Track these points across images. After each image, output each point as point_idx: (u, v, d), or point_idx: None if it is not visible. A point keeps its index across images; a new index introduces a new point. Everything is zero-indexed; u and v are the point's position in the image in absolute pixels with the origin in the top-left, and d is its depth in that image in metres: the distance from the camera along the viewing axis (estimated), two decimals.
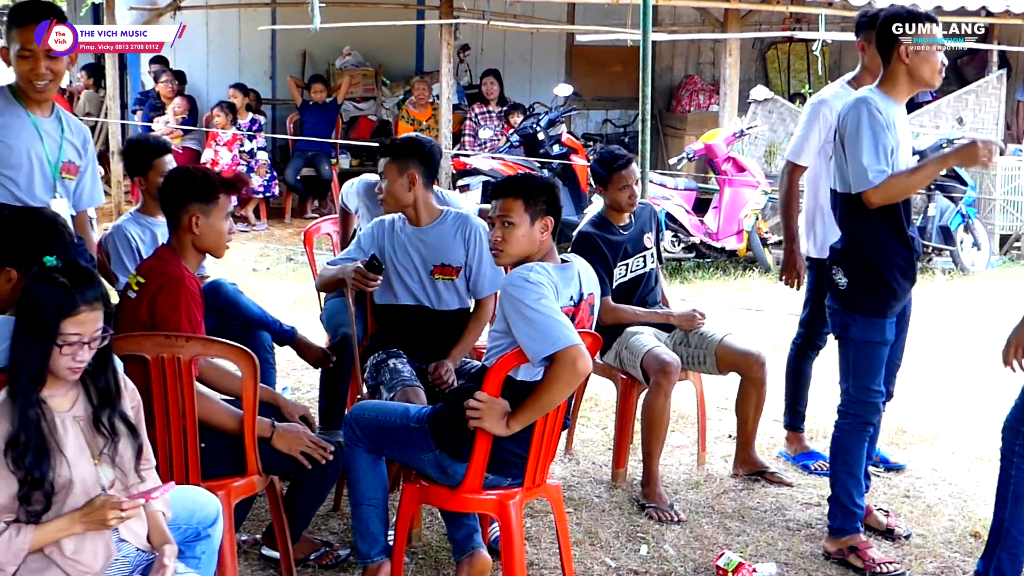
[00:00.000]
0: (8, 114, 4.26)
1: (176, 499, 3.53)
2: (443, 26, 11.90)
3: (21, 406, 3.09)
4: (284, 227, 12.94)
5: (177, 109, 12.95)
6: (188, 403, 3.99)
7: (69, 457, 3.13)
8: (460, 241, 4.98)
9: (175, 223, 4.23)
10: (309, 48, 14.35)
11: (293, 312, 8.54)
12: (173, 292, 4.04)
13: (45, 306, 3.11)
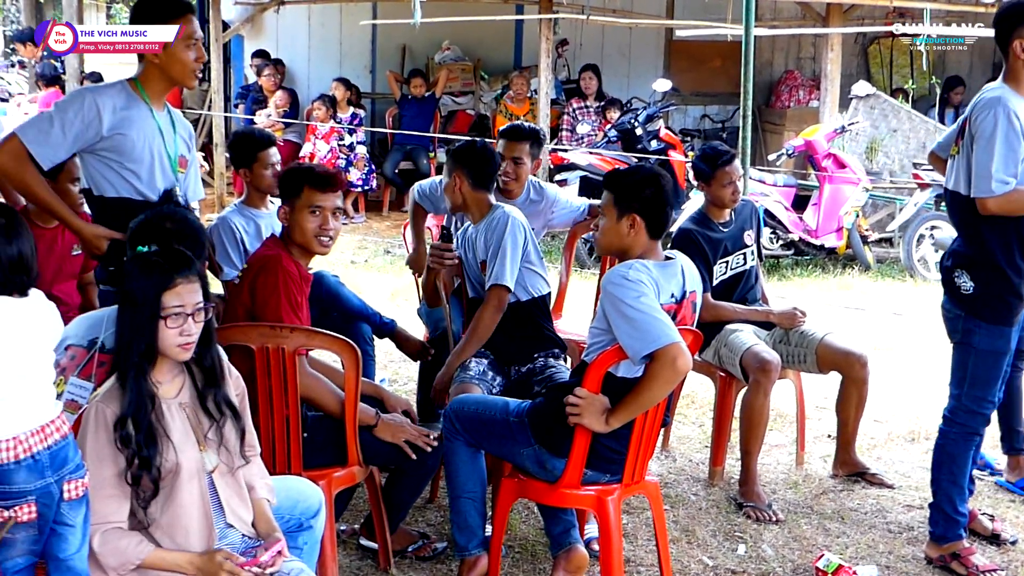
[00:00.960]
0: (131, 108, 4.31)
1: (280, 489, 3.58)
2: (542, 21, 11.90)
3: (130, 386, 3.17)
4: (382, 220, 13.06)
5: (279, 102, 13.13)
6: (291, 393, 4.06)
7: (176, 443, 3.20)
8: (491, 236, 4.94)
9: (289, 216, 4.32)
10: (409, 43, 14.44)
11: (390, 304, 8.61)
12: (271, 274, 4.11)
13: (143, 283, 3.18)
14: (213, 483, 3.29)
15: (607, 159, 11.17)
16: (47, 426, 3.04)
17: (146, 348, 3.18)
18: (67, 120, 4.17)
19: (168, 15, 4.31)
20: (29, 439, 2.98)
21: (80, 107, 4.20)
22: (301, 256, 4.32)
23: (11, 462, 2.95)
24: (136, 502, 3.17)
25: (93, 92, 4.32)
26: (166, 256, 3.24)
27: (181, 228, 3.67)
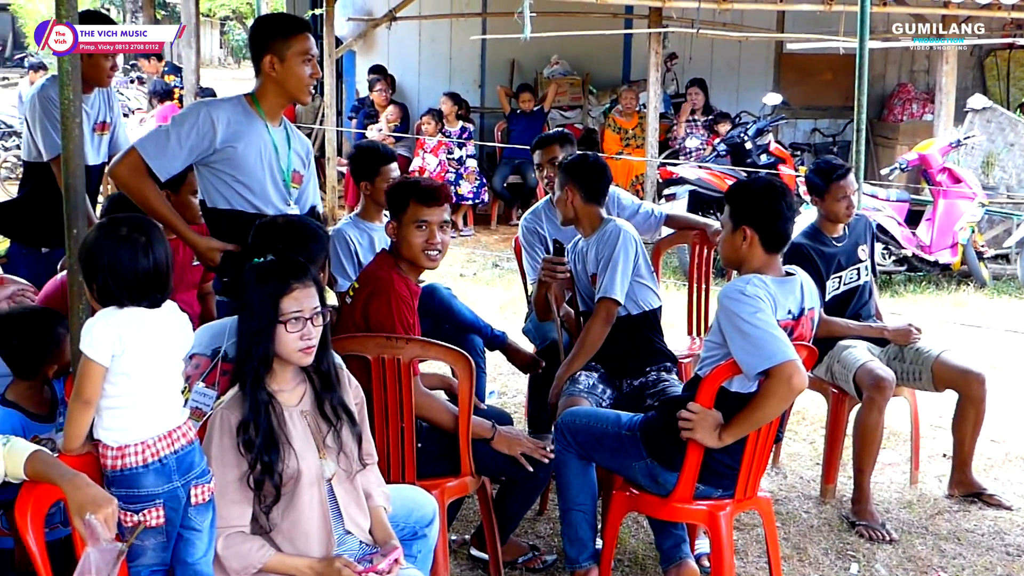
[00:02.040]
0: (245, 122, 4.41)
1: (395, 497, 3.64)
2: (651, 35, 11.90)
3: (251, 391, 3.25)
4: (490, 233, 13.14)
5: (390, 117, 13.31)
6: (406, 403, 4.12)
7: (297, 449, 3.28)
8: (603, 250, 4.95)
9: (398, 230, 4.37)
10: (518, 57, 14.53)
11: (499, 317, 8.67)
12: (384, 296, 4.16)
13: (261, 290, 3.27)
14: (332, 490, 3.36)
15: (716, 173, 11.11)
16: (174, 431, 3.13)
17: (265, 355, 3.26)
18: (182, 132, 4.28)
19: (285, 32, 4.41)
20: (157, 444, 3.09)
21: (195, 120, 4.30)
22: (410, 271, 4.36)
23: (139, 466, 3.05)
24: (258, 507, 3.25)
25: (208, 105, 4.42)
26: (282, 263, 3.33)
27: (297, 233, 3.76)
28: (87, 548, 2.81)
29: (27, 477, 2.92)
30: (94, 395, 3.02)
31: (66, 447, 3.08)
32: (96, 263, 3.05)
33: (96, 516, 2.80)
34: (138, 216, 3.23)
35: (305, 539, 3.27)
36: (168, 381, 3.14)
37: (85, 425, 3.06)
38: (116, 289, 3.03)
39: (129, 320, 3.03)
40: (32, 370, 3.56)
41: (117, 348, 3.00)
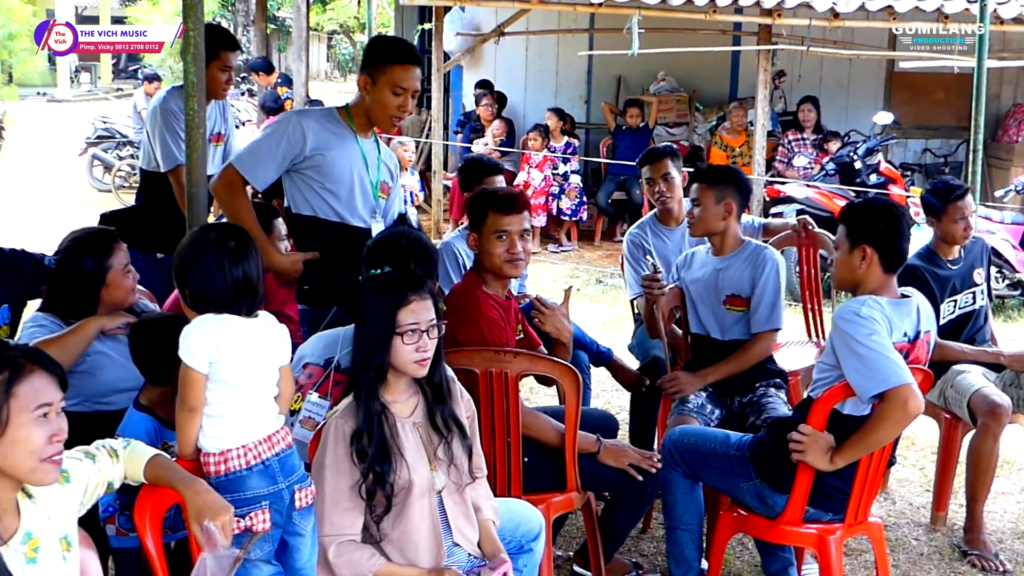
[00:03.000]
0: (335, 132, 4.51)
1: (502, 511, 3.64)
2: (760, 52, 11.79)
3: (365, 401, 3.28)
4: (593, 249, 13.12)
5: (496, 131, 13.37)
6: (513, 417, 4.12)
7: (409, 460, 3.30)
8: (749, 271, 4.90)
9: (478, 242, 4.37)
10: (624, 73, 14.50)
11: (602, 333, 8.64)
12: (473, 322, 4.14)
13: (378, 302, 3.29)
14: (442, 502, 3.38)
15: (825, 192, 10.97)
16: (273, 435, 3.18)
17: (380, 366, 3.29)
18: (274, 141, 4.38)
19: (387, 58, 4.48)
20: (258, 447, 3.14)
21: (286, 128, 4.41)
22: (495, 282, 4.32)
23: (243, 468, 3.10)
24: (369, 517, 3.28)
25: (299, 114, 4.53)
26: (399, 275, 3.35)
27: (416, 247, 3.79)
28: (203, 554, 2.85)
29: (146, 480, 2.98)
30: (197, 402, 3.08)
31: (181, 453, 3.14)
32: (187, 268, 3.12)
33: (214, 522, 2.84)
34: (230, 224, 3.27)
35: (415, 550, 3.29)
36: (265, 388, 3.18)
37: (194, 432, 3.13)
38: (205, 295, 3.09)
39: (224, 327, 3.09)
40: (165, 376, 3.62)
41: (214, 355, 3.05)
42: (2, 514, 2.58)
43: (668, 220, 5.78)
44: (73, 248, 4.16)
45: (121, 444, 3.01)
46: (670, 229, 5.75)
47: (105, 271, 4.11)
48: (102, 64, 38.30)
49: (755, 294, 4.85)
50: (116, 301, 4.17)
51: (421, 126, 14.55)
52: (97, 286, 4.10)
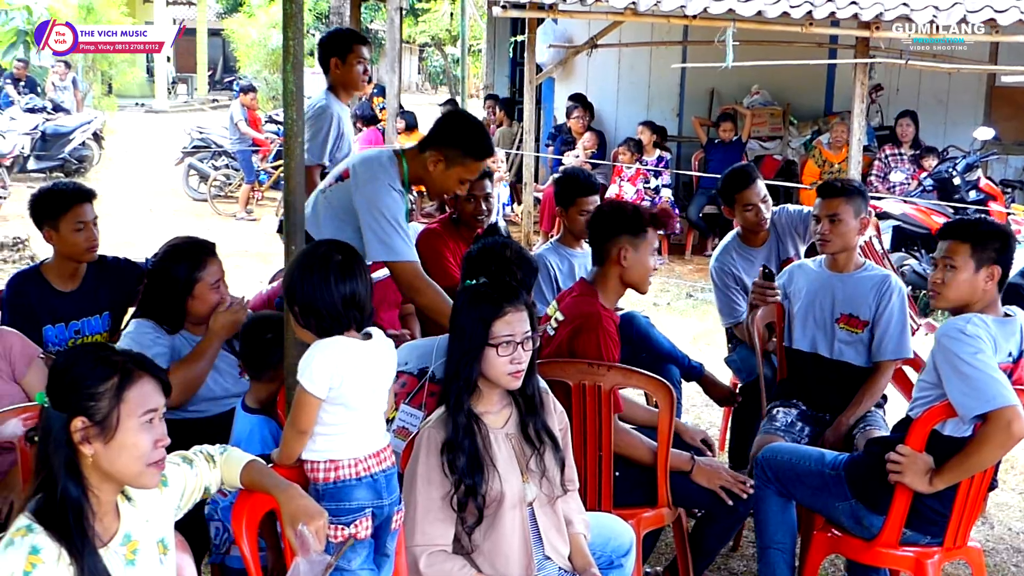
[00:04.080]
0: (399, 191, 4.53)
1: (593, 525, 3.62)
2: (857, 65, 11.62)
3: (457, 412, 3.27)
4: (684, 263, 13.02)
5: (587, 144, 13.35)
6: (605, 431, 4.09)
7: (501, 472, 3.28)
8: (874, 295, 4.80)
9: (602, 256, 4.34)
10: (717, 86, 14.39)
11: (693, 348, 8.56)
12: (592, 332, 4.14)
13: (475, 312, 3.29)
14: (534, 514, 3.36)
15: (923, 209, 10.78)
16: (382, 451, 3.18)
17: (473, 377, 3.28)
18: (399, 220, 4.40)
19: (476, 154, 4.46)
20: (367, 460, 3.14)
21: (398, 202, 4.42)
22: (611, 299, 4.35)
23: (352, 479, 3.11)
24: (460, 528, 3.27)
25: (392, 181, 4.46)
26: (495, 287, 3.34)
27: (520, 257, 3.79)
28: (296, 558, 2.87)
29: (242, 485, 3.00)
30: (309, 426, 3.09)
31: (279, 462, 3.16)
32: (295, 285, 3.12)
33: (308, 527, 2.85)
34: (338, 241, 3.28)
35: (505, 562, 3.27)
36: (376, 405, 3.19)
37: (299, 450, 3.15)
38: (314, 310, 3.08)
39: (345, 353, 3.08)
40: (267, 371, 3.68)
41: (335, 381, 3.05)
42: (103, 516, 2.62)
43: (754, 240, 5.68)
44: (168, 255, 4.23)
45: (218, 449, 3.04)
46: (756, 249, 5.66)
47: (194, 282, 4.16)
48: (198, 75, 38.94)
49: (879, 321, 4.76)
50: (200, 315, 4.22)
51: (512, 138, 14.57)
52: (184, 296, 4.16)
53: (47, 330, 4.72)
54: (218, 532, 3.61)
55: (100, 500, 2.61)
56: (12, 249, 11.51)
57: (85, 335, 4.80)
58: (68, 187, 4.91)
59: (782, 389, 5.04)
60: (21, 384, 3.99)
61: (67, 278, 4.81)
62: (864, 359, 4.83)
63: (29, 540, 2.45)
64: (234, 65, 35.73)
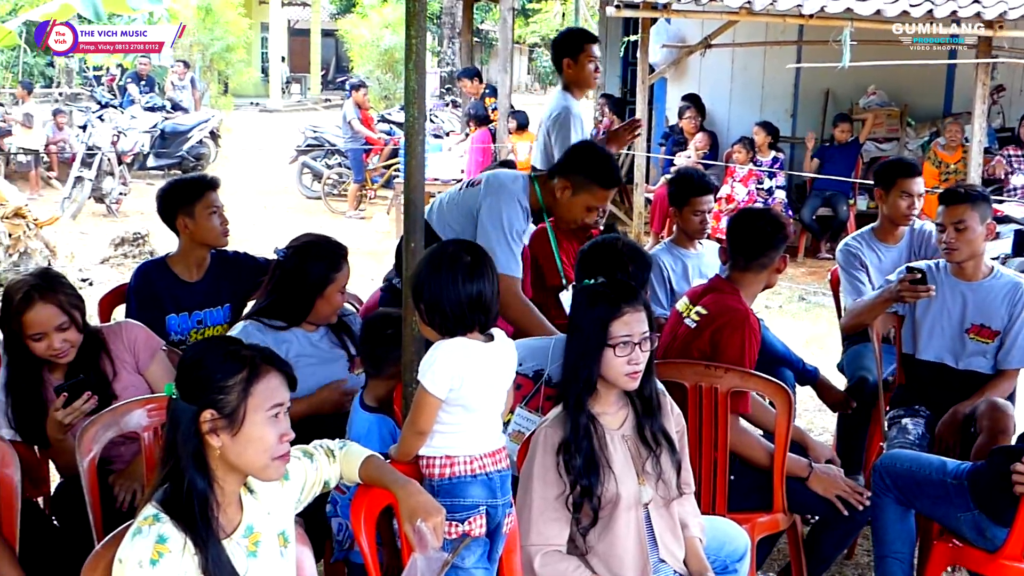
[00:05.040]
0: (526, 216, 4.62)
1: (708, 529, 3.58)
2: (979, 65, 11.35)
3: (574, 412, 3.26)
4: (796, 266, 12.83)
5: (699, 144, 13.25)
6: (721, 434, 4.05)
7: (616, 473, 3.27)
8: (1006, 305, 4.69)
9: (760, 263, 4.34)
10: (832, 86, 14.17)
11: (805, 351, 8.43)
12: (738, 329, 4.12)
13: (592, 312, 3.27)
14: (649, 517, 3.33)
15: None
16: (498, 452, 3.19)
17: (590, 377, 3.27)
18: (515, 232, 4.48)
19: (604, 183, 4.54)
20: (483, 459, 3.15)
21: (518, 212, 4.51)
22: (751, 297, 4.35)
23: (467, 475, 3.12)
24: (576, 529, 3.26)
25: (519, 196, 4.56)
26: (612, 286, 3.32)
27: (633, 251, 3.77)
28: (414, 554, 2.88)
29: (361, 480, 3.03)
30: (428, 427, 3.11)
31: (396, 459, 3.18)
32: (422, 284, 3.13)
33: (427, 524, 2.86)
34: (467, 241, 3.29)
35: (620, 564, 3.26)
36: (497, 408, 3.20)
37: (417, 450, 3.18)
38: (439, 310, 3.10)
39: (467, 354, 3.09)
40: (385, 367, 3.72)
41: (456, 382, 3.07)
42: (227, 507, 2.67)
43: (888, 237, 5.58)
44: (307, 251, 4.28)
45: (337, 444, 3.07)
46: (888, 247, 5.57)
47: (328, 282, 4.22)
48: (312, 75, 39.52)
49: (1011, 330, 4.66)
50: (323, 315, 4.28)
51: None
52: (315, 293, 4.21)
53: (170, 319, 4.83)
54: (341, 528, 3.65)
55: (225, 492, 2.65)
56: (132, 244, 11.80)
57: (207, 326, 4.90)
58: (197, 176, 5.06)
59: (903, 396, 4.94)
60: (145, 375, 4.08)
61: (192, 269, 4.92)
62: (991, 367, 4.72)
63: (156, 529, 2.51)
64: (347, 65, 36.18)
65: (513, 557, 3.27)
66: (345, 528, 3.63)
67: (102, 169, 14.90)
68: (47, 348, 3.83)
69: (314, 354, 4.28)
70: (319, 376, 4.20)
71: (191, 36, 25.24)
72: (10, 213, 10.96)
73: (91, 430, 3.52)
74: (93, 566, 2.63)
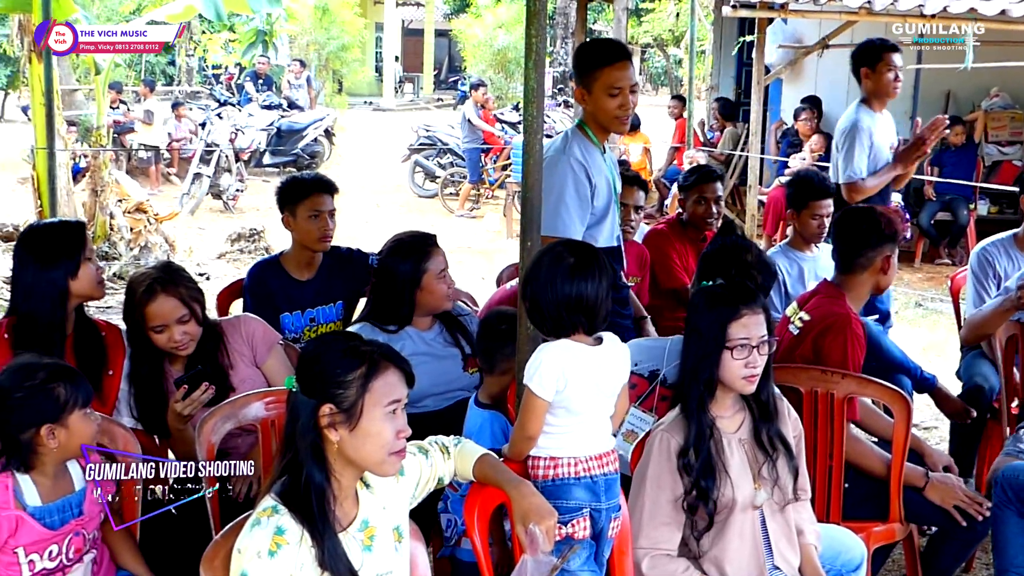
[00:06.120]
0: (590, 152, 4.41)
1: (823, 537, 3.52)
2: None
3: (693, 415, 3.23)
4: (913, 271, 12.58)
5: (814, 146, 13.04)
6: (837, 441, 3.98)
7: (733, 478, 3.23)
8: None
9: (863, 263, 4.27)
10: (954, 88, 13.85)
11: (923, 359, 8.26)
12: (840, 334, 4.05)
13: (710, 314, 3.24)
14: (765, 522, 3.29)
15: None
16: (604, 455, 3.17)
17: (709, 380, 3.24)
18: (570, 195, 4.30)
19: (603, 60, 4.37)
20: (588, 461, 3.13)
21: (574, 175, 4.32)
22: (859, 300, 4.26)
23: (571, 477, 3.11)
24: (689, 532, 3.23)
25: (567, 154, 4.37)
26: (732, 288, 3.29)
27: (760, 261, 3.72)
28: (524, 556, 2.88)
29: (475, 479, 3.03)
30: (537, 431, 3.11)
31: (508, 458, 3.18)
32: (526, 282, 3.14)
33: (539, 526, 2.86)
34: (580, 242, 3.27)
35: (734, 569, 3.23)
36: (604, 411, 3.18)
37: (526, 453, 3.17)
38: (538, 308, 3.10)
39: (572, 356, 3.09)
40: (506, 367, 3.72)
41: (560, 384, 3.06)
42: (343, 501, 2.69)
43: None
44: (392, 251, 4.33)
45: (452, 441, 3.09)
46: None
47: (420, 275, 4.24)
48: (424, 75, 39.85)
49: None
50: (431, 306, 4.30)
51: (736, 139, 14.37)
52: (413, 289, 4.24)
53: (284, 317, 4.89)
54: (450, 524, 3.66)
55: (341, 485, 2.68)
56: (248, 240, 12.02)
57: (320, 324, 4.95)
58: (310, 177, 5.10)
59: None
60: (262, 369, 4.14)
61: (304, 268, 4.98)
62: None
63: (275, 521, 2.54)
64: (459, 65, 36.40)
65: (625, 559, 3.25)
66: (454, 524, 3.64)
67: (220, 166, 15.21)
68: (168, 340, 3.91)
69: (428, 352, 4.31)
70: (432, 374, 4.23)
71: (307, 35, 25.60)
72: (132, 208, 11.26)
73: (210, 421, 3.59)
74: (212, 556, 2.68)
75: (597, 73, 4.36)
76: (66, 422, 3.05)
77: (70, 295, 3.92)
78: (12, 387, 3.03)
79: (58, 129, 9.77)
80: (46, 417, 3.03)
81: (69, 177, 11.28)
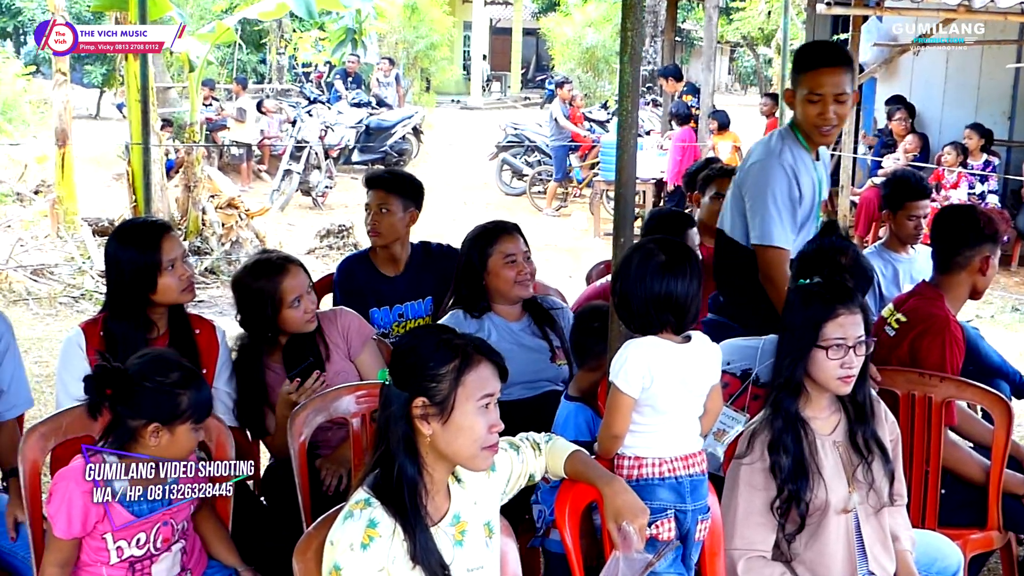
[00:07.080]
0: (801, 157, 4.31)
1: (918, 543, 3.45)
2: None
3: (784, 415, 3.18)
4: (1009, 275, 12.30)
5: (908, 147, 12.83)
6: (934, 445, 3.90)
7: (826, 480, 3.18)
8: None
9: (961, 263, 4.15)
10: None
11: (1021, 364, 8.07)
12: (937, 335, 3.96)
13: (805, 313, 3.19)
14: (859, 526, 3.23)
15: None
16: (691, 456, 3.13)
17: (801, 380, 3.18)
18: (781, 200, 4.22)
19: (807, 64, 4.29)
20: (674, 462, 3.10)
21: (784, 179, 4.23)
22: (958, 301, 4.16)
23: (656, 478, 3.09)
24: (782, 535, 3.18)
25: (779, 157, 4.28)
26: (828, 287, 3.23)
27: (856, 264, 3.65)
28: (616, 553, 2.85)
29: (566, 475, 3.01)
30: (623, 429, 3.09)
31: (599, 454, 3.16)
32: (618, 278, 3.12)
33: (632, 524, 2.83)
34: (672, 240, 3.23)
35: (828, 573, 3.17)
36: (692, 411, 3.14)
37: (614, 452, 3.15)
38: (625, 305, 3.07)
39: (658, 352, 3.06)
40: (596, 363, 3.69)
41: (646, 381, 3.04)
42: (435, 495, 2.69)
43: None
44: (465, 241, 4.43)
45: (543, 438, 3.07)
46: None
47: (486, 258, 4.35)
48: (512, 74, 39.87)
49: None
50: (502, 290, 4.35)
51: None
52: (480, 275, 4.35)
53: (373, 312, 4.91)
54: (540, 515, 3.65)
55: (433, 479, 2.67)
56: (337, 236, 12.12)
57: (409, 319, 4.97)
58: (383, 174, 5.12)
59: None
60: (355, 363, 4.16)
61: (391, 263, 5.00)
62: None
63: (367, 514, 2.55)
64: (546, 64, 36.40)
65: (716, 560, 3.21)
66: (544, 515, 3.63)
67: (309, 163, 15.36)
68: (303, 312, 4.01)
69: (514, 342, 4.31)
70: (518, 364, 4.20)
71: (396, 34, 25.74)
72: (224, 204, 11.41)
73: (302, 414, 3.62)
74: (305, 547, 2.69)
75: (802, 76, 4.28)
76: (175, 429, 3.06)
77: (154, 304, 3.85)
78: (145, 375, 3.04)
79: (152, 126, 9.93)
80: (160, 416, 3.04)
81: (163, 173, 11.48)
